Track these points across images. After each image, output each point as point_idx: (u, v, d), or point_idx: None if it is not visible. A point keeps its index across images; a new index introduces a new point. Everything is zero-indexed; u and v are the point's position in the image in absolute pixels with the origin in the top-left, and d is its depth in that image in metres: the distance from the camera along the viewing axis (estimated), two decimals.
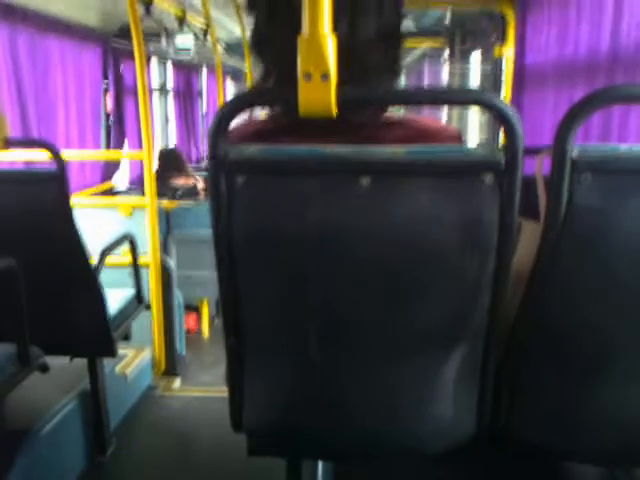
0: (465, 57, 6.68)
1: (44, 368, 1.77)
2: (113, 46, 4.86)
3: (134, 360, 2.90)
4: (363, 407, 1.03)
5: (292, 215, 0.88)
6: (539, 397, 1.04)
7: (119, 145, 5.23)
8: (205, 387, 3.08)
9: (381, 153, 0.85)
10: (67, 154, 1.92)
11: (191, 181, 4.95)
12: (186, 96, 7.83)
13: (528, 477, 1.37)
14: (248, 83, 6.08)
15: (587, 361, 0.98)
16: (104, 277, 2.08)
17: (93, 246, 2.02)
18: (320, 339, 0.97)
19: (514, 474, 1.37)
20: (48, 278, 1.95)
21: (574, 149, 0.83)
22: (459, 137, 1.10)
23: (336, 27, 0.83)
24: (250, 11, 1.09)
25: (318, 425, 1.07)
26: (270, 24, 1.06)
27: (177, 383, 3.13)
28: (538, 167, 1.09)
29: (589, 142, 2.57)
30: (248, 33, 1.13)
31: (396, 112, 1.09)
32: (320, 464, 1.38)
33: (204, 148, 7.99)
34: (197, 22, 5.10)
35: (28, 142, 2.78)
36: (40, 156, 2.89)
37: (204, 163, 7.04)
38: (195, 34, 5.34)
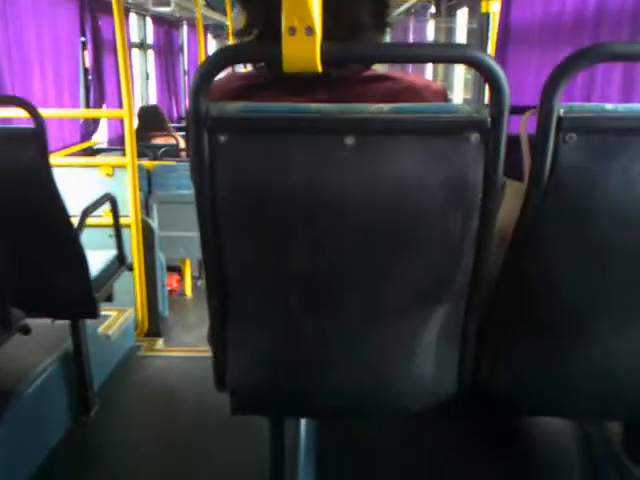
0: (452, 13, 6.59)
1: (26, 330, 1.76)
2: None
3: (117, 321, 2.90)
4: (346, 366, 1.04)
5: (276, 174, 0.86)
6: (519, 355, 1.05)
7: (99, 103, 5.13)
8: (188, 347, 3.10)
9: (365, 111, 0.84)
10: (45, 112, 1.86)
11: (172, 140, 4.88)
12: (166, 52, 7.68)
13: (507, 434, 1.41)
14: (230, 39, 5.96)
15: (567, 319, 1.00)
16: (85, 238, 2.06)
17: (74, 207, 1.99)
18: (304, 300, 0.97)
19: (494, 431, 1.40)
20: (28, 240, 1.92)
21: (560, 108, 0.82)
22: (444, 94, 1.09)
23: None
24: None
25: (301, 384, 1.08)
26: None
27: (160, 344, 3.14)
28: (523, 126, 1.08)
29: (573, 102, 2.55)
30: None
31: (380, 68, 1.07)
32: (303, 422, 1.40)
33: (186, 106, 7.86)
34: None
35: (4, 100, 2.71)
36: (16, 114, 2.83)
37: (185, 121, 6.94)
38: None
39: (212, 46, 10.17)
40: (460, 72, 6.97)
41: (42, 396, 2.14)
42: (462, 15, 6.61)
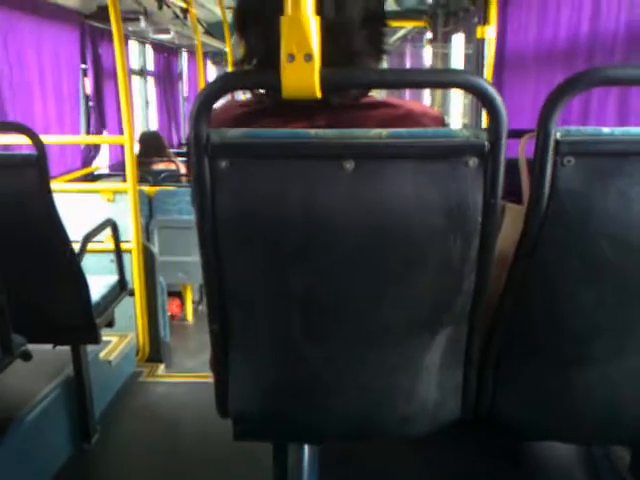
0: (448, 39, 6.66)
1: (27, 356, 1.75)
2: (91, 27, 4.78)
3: (118, 347, 2.88)
4: (347, 391, 1.03)
5: (276, 199, 0.87)
6: (522, 379, 1.05)
7: (99, 129, 5.16)
8: (189, 373, 3.08)
9: (364, 136, 0.85)
10: (46, 139, 1.88)
11: (173, 166, 4.91)
12: (166, 79, 7.75)
13: (511, 458, 1.39)
14: (229, 65, 6.02)
15: (569, 343, 0.99)
16: (86, 264, 2.06)
17: (75, 232, 1.99)
18: (305, 324, 0.96)
19: (498, 455, 1.39)
20: (30, 266, 1.92)
21: (557, 131, 0.83)
22: (442, 120, 1.10)
23: (322, 9, 0.82)
24: None
25: (303, 410, 1.07)
26: (256, 3, 1.05)
27: (161, 369, 3.12)
28: (521, 150, 1.09)
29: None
30: (229, 13, 1.12)
31: (377, 94, 1.09)
32: (306, 448, 1.39)
33: (186, 132, 7.90)
34: (177, 1, 5.02)
35: (6, 126, 2.73)
36: (17, 140, 2.85)
37: (186, 147, 6.98)
38: (175, 14, 5.27)
39: (212, 73, 10.27)
40: (458, 97, 7.03)
41: (43, 423, 2.12)
42: (458, 41, 6.68)
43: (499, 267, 0.93)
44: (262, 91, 1.07)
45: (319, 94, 0.82)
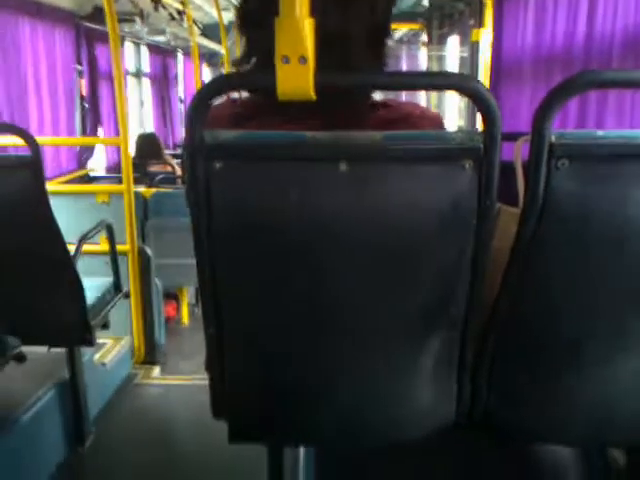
0: (443, 42, 6.68)
1: (21, 358, 1.75)
2: (86, 29, 4.77)
3: (113, 349, 2.88)
4: (343, 394, 1.03)
5: (271, 201, 0.87)
6: (516, 382, 1.05)
7: (94, 131, 5.16)
8: (185, 375, 3.07)
9: (359, 139, 0.85)
10: (41, 140, 1.87)
11: (169, 167, 4.90)
12: (162, 81, 7.74)
13: (507, 463, 1.39)
14: (225, 67, 6.02)
15: (564, 346, 0.99)
16: (82, 265, 2.06)
17: (70, 234, 1.99)
18: (300, 326, 0.96)
19: (493, 460, 1.39)
20: (24, 267, 1.92)
21: (552, 134, 0.83)
22: (440, 122, 1.09)
23: (323, 21, 0.82)
24: None
25: (299, 412, 1.07)
26: (256, 3, 1.05)
27: (156, 372, 3.11)
28: (516, 153, 1.09)
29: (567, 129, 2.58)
30: (225, 15, 1.12)
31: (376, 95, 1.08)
32: (302, 450, 1.38)
33: (181, 134, 7.90)
34: (173, 2, 5.02)
35: (1, 127, 2.72)
36: (12, 141, 2.85)
37: (180, 149, 6.96)
38: (171, 15, 5.27)
39: (207, 74, 10.27)
40: (453, 99, 7.05)
41: (37, 425, 2.11)
42: (453, 43, 6.70)
43: (493, 269, 0.93)
44: (256, 92, 1.07)
45: (314, 96, 0.82)
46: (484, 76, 3.46)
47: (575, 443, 1.23)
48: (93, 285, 2.31)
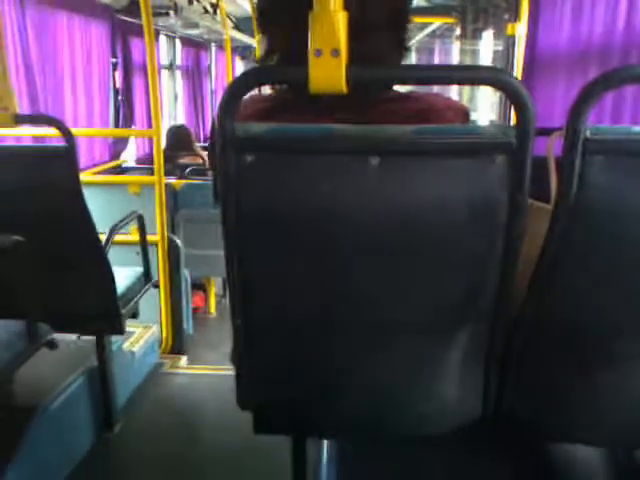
0: (477, 36, 6.61)
1: (52, 345, 1.78)
2: (122, 22, 4.82)
3: (141, 338, 2.92)
4: (370, 386, 1.03)
5: (300, 194, 0.87)
6: (544, 378, 1.04)
7: (128, 123, 5.22)
8: (211, 365, 3.10)
9: (389, 132, 0.84)
10: (76, 131, 1.90)
11: (199, 159, 4.94)
12: (195, 74, 7.79)
13: (533, 459, 1.38)
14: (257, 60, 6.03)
15: (594, 344, 0.98)
16: (112, 255, 2.09)
17: (101, 224, 2.02)
18: (327, 318, 0.96)
19: (518, 456, 1.38)
20: (57, 255, 1.95)
21: (587, 129, 0.82)
22: (466, 113, 1.08)
23: (347, 6, 0.82)
24: None
25: (324, 404, 1.07)
26: (276, 2, 1.05)
27: (184, 361, 3.15)
28: (549, 148, 1.08)
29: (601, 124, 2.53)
30: None
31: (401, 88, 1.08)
32: (325, 443, 1.39)
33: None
34: None
35: (37, 118, 2.77)
36: (48, 132, 2.90)
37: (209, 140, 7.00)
38: (204, 8, 5.29)
39: (239, 67, 10.31)
40: (487, 93, 6.97)
41: (66, 412, 2.15)
42: (487, 37, 6.62)
43: (523, 265, 0.92)
44: (285, 86, 1.08)
45: (345, 89, 0.82)
46: (518, 70, 3.41)
47: (601, 443, 1.22)
48: (123, 275, 2.35)
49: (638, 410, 1.03)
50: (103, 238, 2.07)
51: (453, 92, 8.18)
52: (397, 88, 1.08)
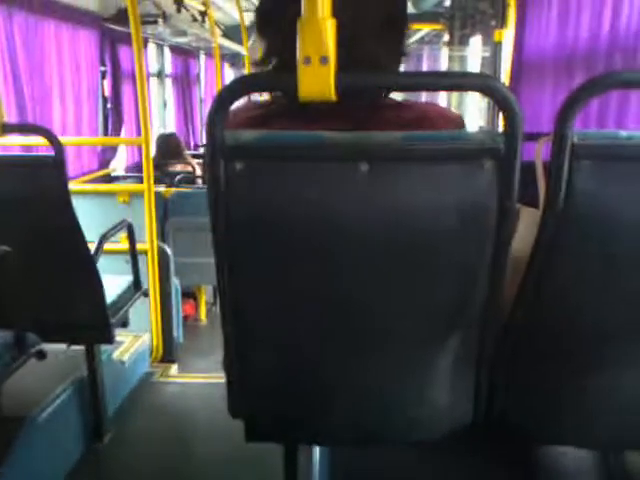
0: (465, 42, 6.65)
1: (41, 355, 1.77)
2: (110, 30, 4.81)
3: (131, 347, 2.90)
4: (361, 393, 1.03)
5: (290, 201, 0.87)
6: (535, 383, 1.04)
7: (116, 131, 5.20)
8: (202, 373, 3.09)
9: (379, 139, 0.84)
10: (64, 140, 1.90)
11: (189, 167, 4.93)
12: (184, 81, 7.78)
13: (525, 462, 1.38)
14: (246, 68, 6.05)
15: (583, 348, 0.98)
16: (102, 264, 2.08)
17: (91, 233, 2.01)
18: (317, 325, 0.96)
19: (511, 460, 1.38)
20: (46, 265, 1.94)
21: (574, 134, 0.82)
22: (460, 122, 1.09)
23: (342, 13, 0.82)
24: None
25: (316, 411, 1.07)
26: (275, 4, 1.05)
27: (174, 369, 3.13)
28: (537, 153, 1.08)
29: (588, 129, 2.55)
30: (246, 16, 1.12)
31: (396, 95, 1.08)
32: (317, 450, 1.38)
33: (202, 134, 7.94)
34: (195, 3, 5.05)
35: (25, 127, 2.76)
36: (37, 141, 2.89)
37: (202, 149, 6.99)
38: (193, 17, 5.30)
39: (229, 74, 10.31)
40: (474, 99, 7.01)
41: (55, 422, 2.14)
42: (475, 43, 6.67)
43: (513, 270, 0.92)
44: (279, 93, 1.08)
45: (335, 97, 0.82)
46: (506, 76, 3.43)
47: (592, 445, 1.22)
48: (113, 283, 2.34)
49: (627, 412, 1.03)
50: (92, 247, 2.05)
51: (442, 98, 8.22)
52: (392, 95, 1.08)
